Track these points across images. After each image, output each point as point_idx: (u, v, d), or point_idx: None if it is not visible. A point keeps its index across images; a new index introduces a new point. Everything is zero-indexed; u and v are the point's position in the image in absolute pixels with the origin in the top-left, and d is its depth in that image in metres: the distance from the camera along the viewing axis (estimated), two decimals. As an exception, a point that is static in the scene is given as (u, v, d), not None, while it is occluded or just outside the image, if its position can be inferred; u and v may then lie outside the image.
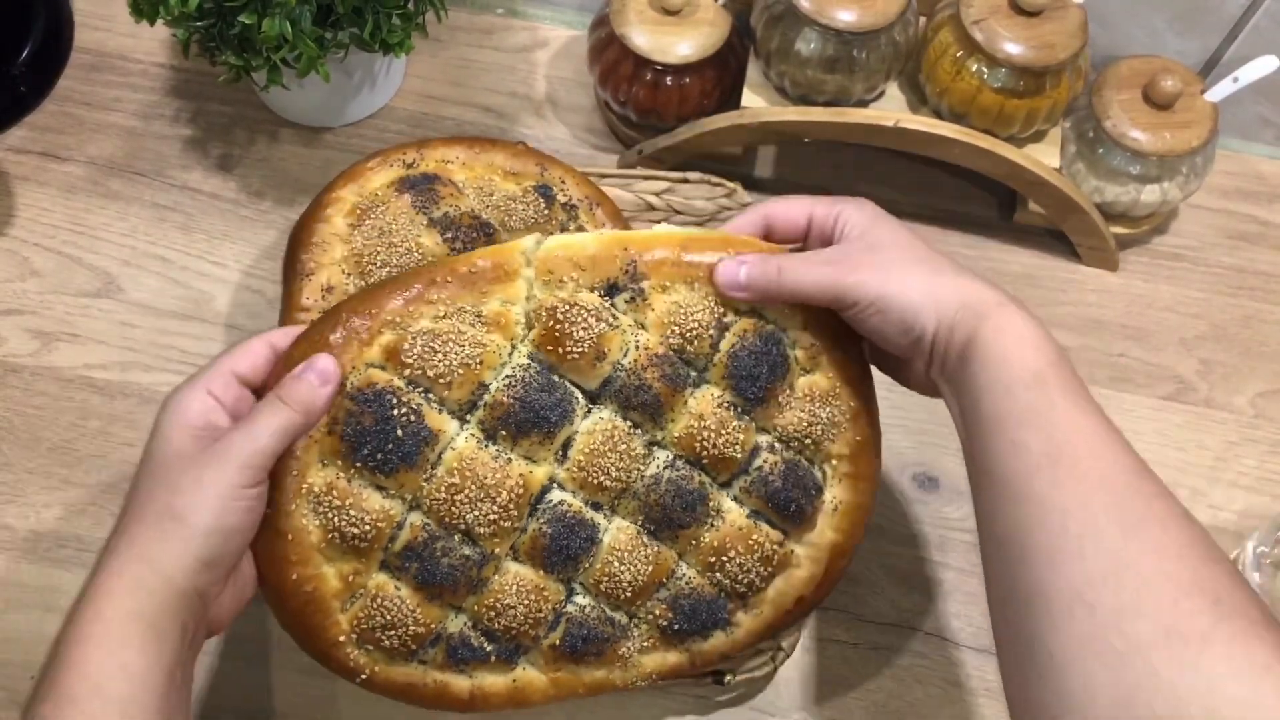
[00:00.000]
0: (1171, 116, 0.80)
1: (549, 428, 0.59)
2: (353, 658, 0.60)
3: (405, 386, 0.58)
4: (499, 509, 0.59)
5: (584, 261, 0.60)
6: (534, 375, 0.59)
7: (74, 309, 0.82)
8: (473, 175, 0.75)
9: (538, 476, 0.60)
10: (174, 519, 0.53)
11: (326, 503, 0.58)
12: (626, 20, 0.82)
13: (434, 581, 0.59)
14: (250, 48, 0.75)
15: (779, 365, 0.61)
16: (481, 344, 0.59)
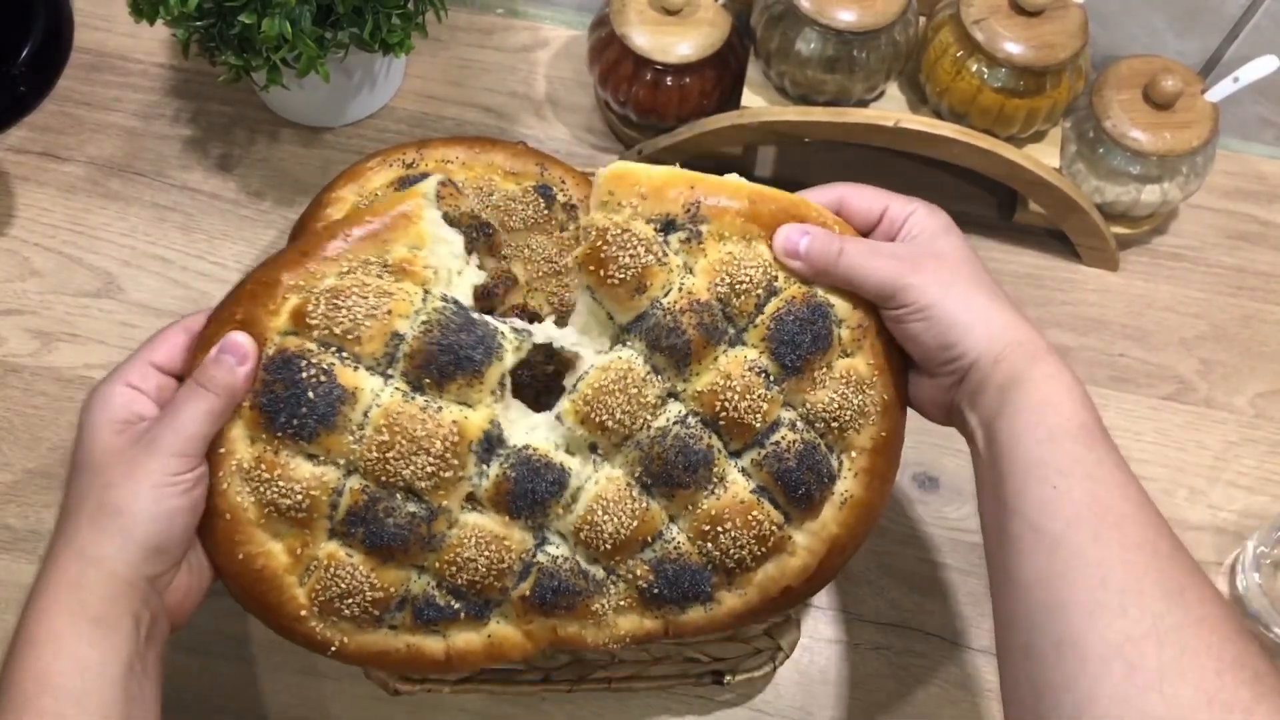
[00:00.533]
0: (1172, 116, 0.80)
1: (474, 367, 0.57)
2: (318, 631, 0.59)
3: (316, 348, 0.56)
4: (435, 460, 0.57)
5: (648, 189, 0.58)
6: (451, 316, 0.57)
7: (74, 309, 0.82)
8: (473, 175, 0.75)
9: (475, 421, 0.58)
10: (111, 513, 0.53)
11: (257, 477, 0.57)
12: (627, 20, 0.82)
13: (383, 543, 0.57)
14: (250, 48, 0.75)
15: (822, 338, 0.59)
16: (388, 293, 0.57)
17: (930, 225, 0.61)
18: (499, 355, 0.58)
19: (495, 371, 0.58)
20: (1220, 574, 0.77)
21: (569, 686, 0.68)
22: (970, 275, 0.59)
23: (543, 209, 0.73)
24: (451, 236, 0.60)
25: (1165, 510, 0.78)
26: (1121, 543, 0.51)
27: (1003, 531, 0.54)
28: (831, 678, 0.74)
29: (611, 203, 0.58)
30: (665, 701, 0.73)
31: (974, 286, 0.59)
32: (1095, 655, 0.48)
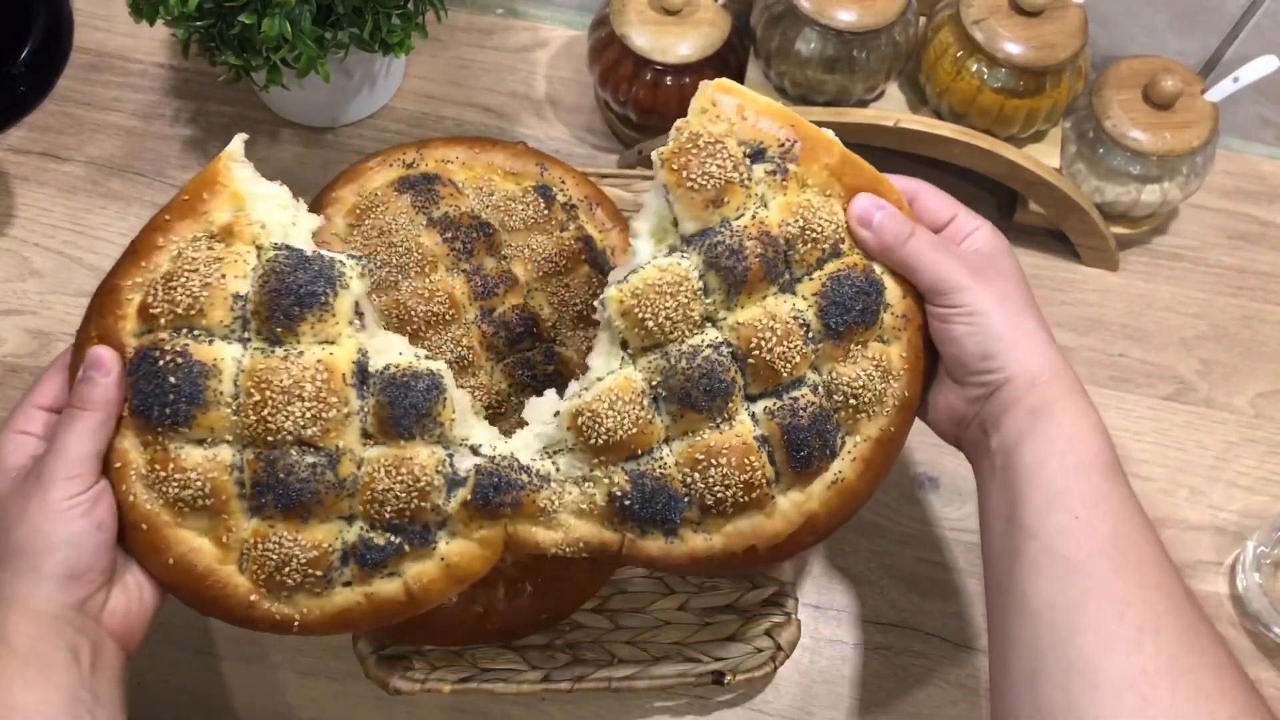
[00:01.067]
0: (1172, 116, 0.80)
1: (319, 301, 0.57)
2: (275, 611, 0.58)
3: (168, 336, 0.56)
4: (311, 403, 0.56)
5: (750, 111, 0.58)
6: (284, 261, 0.57)
7: (74, 309, 0.82)
8: (473, 175, 0.75)
9: (340, 355, 0.57)
10: (16, 553, 0.53)
11: (157, 478, 0.56)
12: (627, 20, 0.82)
13: (294, 502, 0.56)
14: (250, 48, 0.75)
15: (870, 312, 0.59)
16: (219, 259, 0.57)
17: (995, 243, 0.62)
18: (343, 284, 0.57)
19: (344, 301, 0.57)
20: (1220, 574, 0.77)
21: (569, 686, 0.68)
22: (1023, 298, 0.60)
23: (543, 209, 0.73)
24: (272, 189, 0.60)
25: (1165, 510, 0.79)
26: (1141, 581, 0.52)
27: (1016, 553, 0.54)
28: (831, 678, 0.74)
29: (711, 114, 0.58)
30: (665, 701, 0.73)
31: (1024, 309, 0.60)
32: (1108, 685, 0.49)
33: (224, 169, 0.59)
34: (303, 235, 0.59)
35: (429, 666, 0.69)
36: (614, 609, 0.73)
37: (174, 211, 0.59)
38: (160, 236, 0.58)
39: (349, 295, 0.58)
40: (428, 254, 0.70)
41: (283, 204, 0.60)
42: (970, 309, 0.58)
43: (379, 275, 0.69)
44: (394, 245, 0.70)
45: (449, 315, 0.69)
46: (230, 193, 0.58)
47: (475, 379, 0.69)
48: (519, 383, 0.70)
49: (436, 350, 0.69)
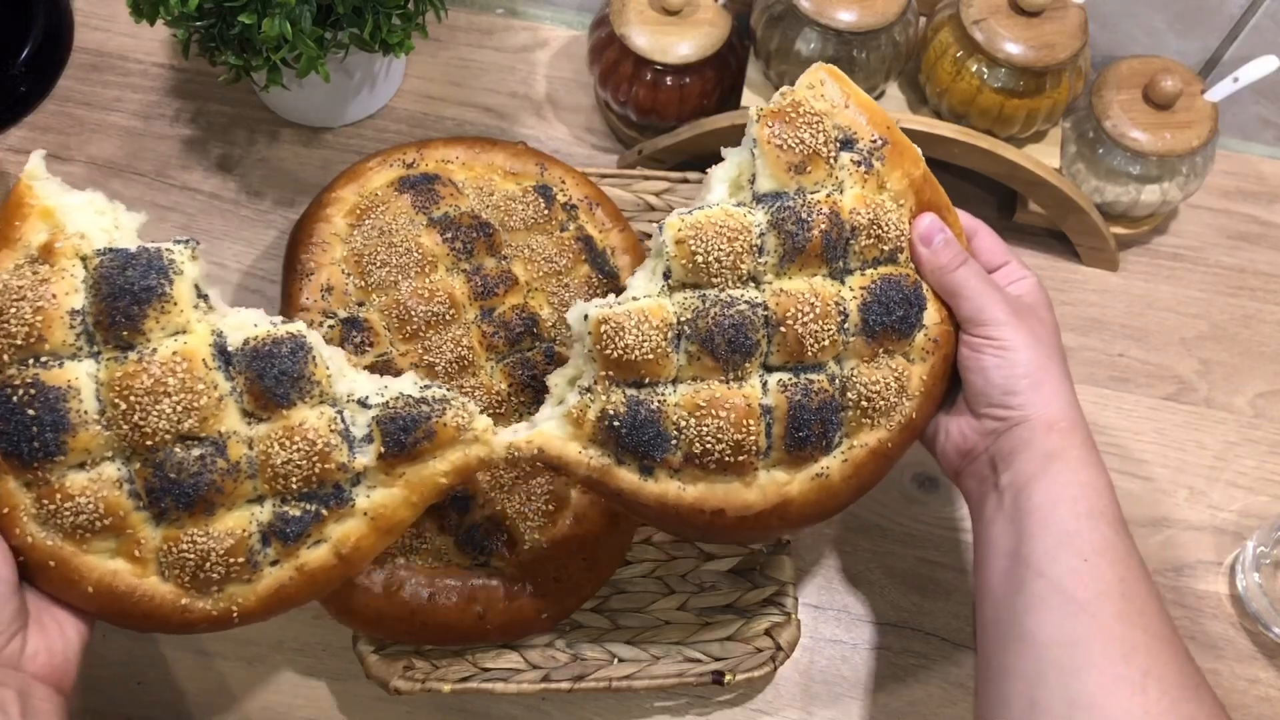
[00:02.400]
0: (1171, 116, 0.80)
1: (156, 293, 0.55)
2: (210, 609, 0.57)
3: (15, 371, 0.55)
4: (179, 395, 0.55)
5: (852, 102, 0.61)
6: (109, 263, 0.55)
7: (74, 309, 0.82)
8: (473, 175, 0.75)
9: (195, 342, 0.56)
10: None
11: (47, 513, 0.55)
12: (626, 20, 0.82)
13: (195, 497, 0.56)
14: (250, 48, 0.75)
15: (909, 323, 0.61)
16: (44, 280, 0.55)
17: (1038, 294, 0.65)
18: (176, 270, 0.56)
19: (181, 287, 0.56)
20: (1220, 574, 0.77)
21: (569, 686, 0.68)
22: (1055, 347, 0.62)
23: (543, 209, 0.73)
24: (84, 197, 0.58)
25: (1165, 510, 0.79)
26: (1145, 628, 0.54)
27: (1021, 588, 0.56)
28: (831, 678, 0.74)
29: (816, 91, 0.60)
30: (665, 701, 0.73)
31: (1054, 356, 0.62)
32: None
33: (26, 189, 0.57)
34: (128, 235, 0.57)
35: (429, 666, 0.69)
36: (614, 609, 0.73)
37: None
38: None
39: (185, 280, 0.56)
40: (428, 254, 0.70)
41: (99, 209, 0.58)
42: (1004, 343, 0.60)
43: (379, 276, 0.69)
44: (394, 245, 0.70)
45: (449, 315, 0.69)
46: (40, 211, 0.56)
47: (475, 379, 0.69)
48: (519, 383, 0.70)
49: (436, 350, 0.69)
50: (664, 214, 0.82)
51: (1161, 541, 0.78)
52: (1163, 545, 0.78)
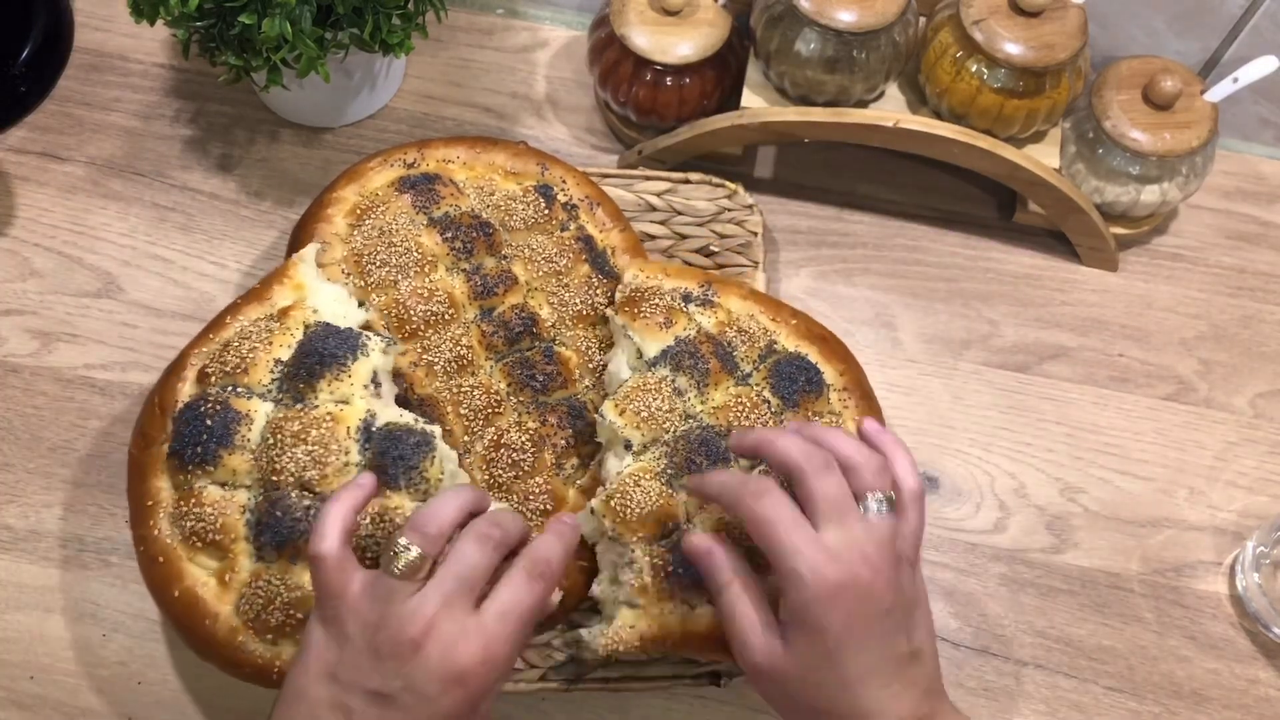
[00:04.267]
0: (1171, 117, 0.80)
1: (338, 362, 0.63)
2: (258, 654, 0.61)
3: (215, 391, 0.64)
4: (314, 447, 0.61)
5: (671, 271, 0.72)
6: (318, 330, 0.64)
7: (74, 309, 0.82)
8: (473, 175, 0.75)
9: (350, 412, 0.63)
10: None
11: (179, 514, 0.62)
12: (626, 20, 0.82)
13: (286, 540, 0.60)
14: (250, 48, 0.75)
15: (815, 383, 0.68)
16: (271, 330, 0.65)
17: (802, 597, 0.53)
18: (364, 352, 0.64)
19: (362, 367, 0.64)
20: (1220, 574, 0.77)
21: (566, 686, 0.68)
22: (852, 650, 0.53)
23: (543, 209, 0.73)
24: (333, 289, 0.68)
25: (1164, 511, 0.79)
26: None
27: None
28: (831, 678, 0.74)
29: (641, 276, 0.71)
30: (665, 702, 0.73)
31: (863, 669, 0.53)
32: None
33: (293, 266, 0.68)
34: (353, 323, 0.66)
35: (429, 666, 0.69)
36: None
37: (246, 297, 0.68)
38: (229, 316, 0.67)
39: (368, 363, 0.64)
40: (428, 253, 0.70)
41: (339, 299, 0.67)
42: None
43: (379, 276, 0.69)
44: (394, 245, 0.70)
45: (448, 314, 0.69)
46: (294, 283, 0.68)
47: (474, 378, 0.69)
48: (518, 382, 0.70)
49: (435, 349, 0.69)
50: (665, 214, 0.82)
51: (1161, 542, 0.78)
52: (1162, 545, 0.78)
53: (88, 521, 0.75)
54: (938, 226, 0.89)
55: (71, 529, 0.75)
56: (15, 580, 0.74)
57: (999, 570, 0.77)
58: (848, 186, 0.89)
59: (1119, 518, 0.79)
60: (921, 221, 0.89)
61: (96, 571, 0.74)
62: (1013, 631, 0.75)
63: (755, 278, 0.81)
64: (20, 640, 0.72)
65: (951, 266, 0.87)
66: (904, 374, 0.83)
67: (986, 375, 0.83)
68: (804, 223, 0.88)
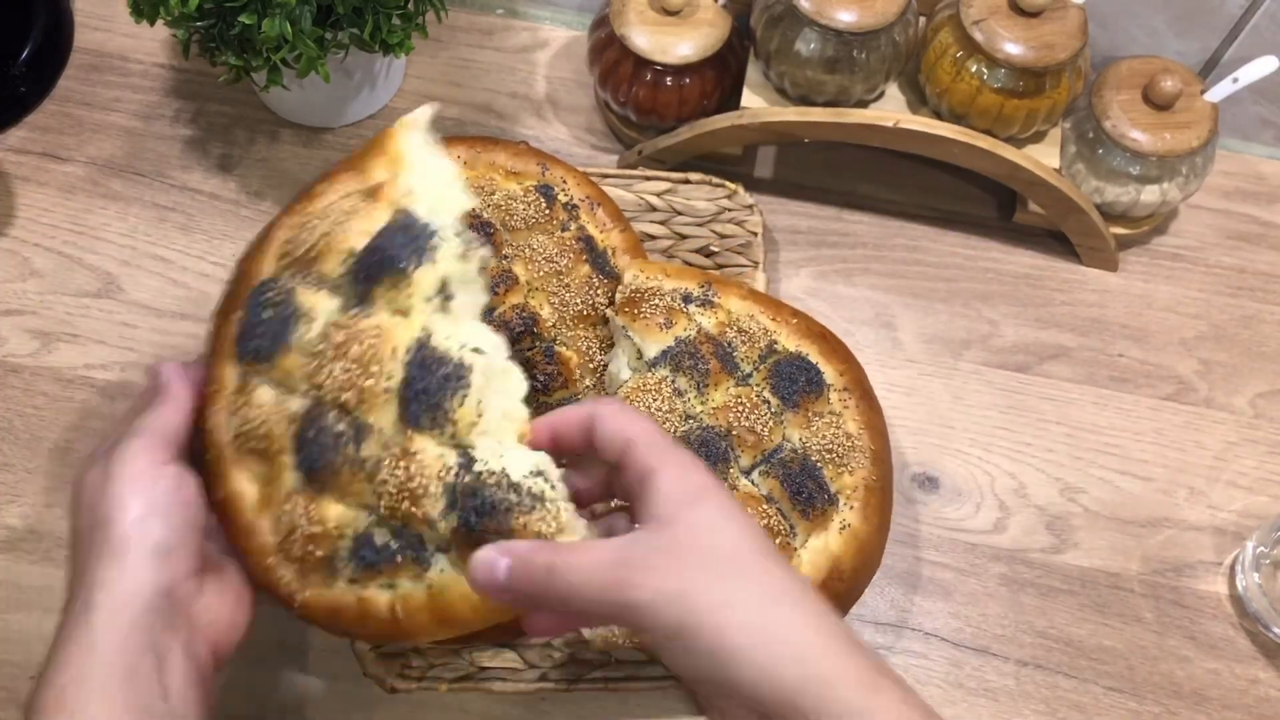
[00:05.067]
0: (1171, 117, 0.80)
1: (397, 266, 0.53)
2: (285, 580, 0.55)
3: (285, 276, 0.56)
4: (353, 365, 0.52)
5: (671, 271, 0.72)
6: (396, 221, 0.54)
7: (74, 309, 0.82)
8: (474, 174, 0.75)
9: (403, 327, 0.53)
10: (98, 527, 0.49)
11: (235, 407, 0.55)
12: (626, 21, 0.82)
13: (313, 467, 0.53)
14: (250, 48, 0.75)
15: (815, 383, 0.68)
16: (351, 213, 0.55)
17: (676, 492, 0.45)
18: (430, 258, 0.53)
19: (426, 276, 0.53)
20: (1220, 574, 0.77)
21: (566, 686, 0.68)
22: (751, 565, 0.43)
23: (544, 209, 0.73)
24: (440, 164, 0.57)
25: (1164, 511, 0.79)
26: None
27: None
28: (831, 678, 0.74)
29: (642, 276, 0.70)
30: (666, 702, 0.73)
31: (735, 576, 0.43)
32: None
33: (394, 133, 0.57)
34: (450, 210, 0.55)
35: (427, 665, 0.69)
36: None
37: (343, 164, 0.58)
38: (322, 185, 0.58)
39: (432, 271, 0.53)
40: (428, 254, 0.70)
41: (443, 179, 0.56)
42: (666, 627, 0.42)
43: None
44: (394, 245, 0.70)
45: (449, 315, 0.69)
46: (392, 156, 0.57)
47: (475, 379, 0.69)
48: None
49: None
50: (666, 214, 0.82)
51: (1161, 542, 0.78)
52: (1162, 545, 0.78)
53: (88, 521, 0.75)
54: (938, 226, 0.89)
55: (71, 529, 0.75)
56: (15, 580, 0.74)
57: (999, 570, 0.77)
58: (848, 186, 0.89)
59: (1119, 518, 0.79)
60: (921, 221, 0.89)
61: (96, 571, 0.74)
62: (1013, 631, 0.75)
63: (755, 278, 0.81)
64: (21, 640, 0.72)
65: (951, 266, 0.87)
66: (904, 374, 0.83)
67: (986, 375, 0.83)
68: (804, 223, 0.88)
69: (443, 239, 0.54)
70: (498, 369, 0.53)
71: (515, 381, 0.53)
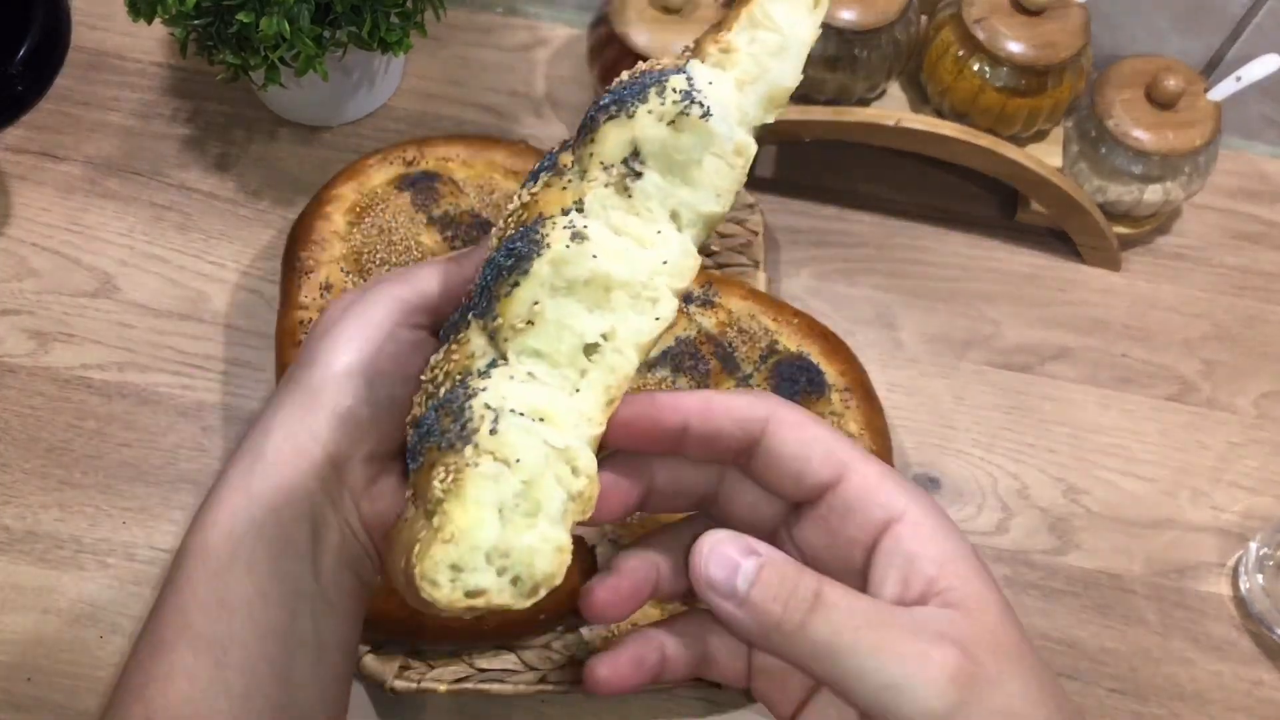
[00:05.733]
0: (1174, 116, 0.79)
1: (590, 115, 0.42)
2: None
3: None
4: (504, 225, 0.43)
5: None
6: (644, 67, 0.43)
7: (71, 309, 0.82)
8: (473, 173, 0.75)
9: (564, 194, 0.41)
10: (307, 366, 0.42)
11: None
12: (626, 19, 0.82)
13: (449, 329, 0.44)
14: (248, 46, 0.75)
15: (817, 384, 0.69)
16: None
17: (977, 585, 0.38)
18: (629, 111, 0.40)
19: (611, 132, 0.40)
20: (1223, 575, 0.77)
21: (565, 688, 0.68)
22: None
23: (542, 208, 0.73)
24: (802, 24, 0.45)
25: (1167, 512, 0.79)
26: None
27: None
28: (832, 680, 0.74)
29: None
30: (666, 703, 0.72)
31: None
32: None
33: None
34: (793, 54, 0.45)
35: (425, 666, 0.68)
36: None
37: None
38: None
39: (623, 129, 0.40)
40: (427, 252, 0.70)
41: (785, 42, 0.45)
42: None
43: (378, 274, 0.69)
44: (394, 243, 0.70)
45: (448, 315, 0.69)
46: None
47: (474, 379, 0.69)
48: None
49: (435, 349, 0.68)
50: (664, 213, 0.82)
51: (1164, 543, 0.78)
52: (1165, 547, 0.78)
53: (85, 523, 0.75)
54: (939, 226, 0.88)
55: (69, 530, 0.75)
56: (12, 582, 0.73)
57: (1001, 572, 0.76)
58: (849, 186, 0.89)
59: (1122, 519, 0.78)
60: (923, 221, 0.89)
61: (94, 573, 0.73)
62: (1015, 633, 0.75)
63: (756, 277, 0.80)
64: (17, 642, 0.72)
65: (953, 266, 0.87)
66: (906, 374, 0.83)
67: (989, 375, 0.83)
68: (805, 222, 0.88)
69: (664, 95, 0.40)
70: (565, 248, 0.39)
71: (582, 267, 0.39)
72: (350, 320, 0.44)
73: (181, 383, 0.79)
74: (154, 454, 0.77)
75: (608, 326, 0.39)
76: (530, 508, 0.36)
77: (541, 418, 0.38)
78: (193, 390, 0.79)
